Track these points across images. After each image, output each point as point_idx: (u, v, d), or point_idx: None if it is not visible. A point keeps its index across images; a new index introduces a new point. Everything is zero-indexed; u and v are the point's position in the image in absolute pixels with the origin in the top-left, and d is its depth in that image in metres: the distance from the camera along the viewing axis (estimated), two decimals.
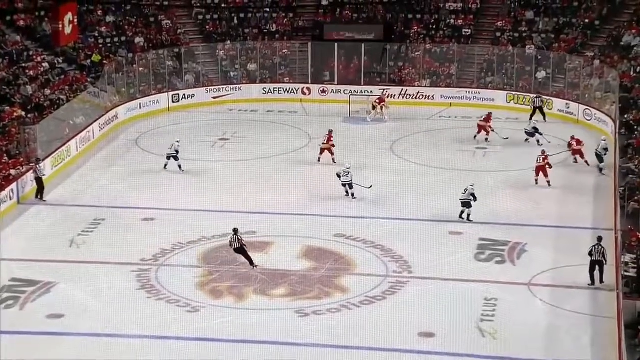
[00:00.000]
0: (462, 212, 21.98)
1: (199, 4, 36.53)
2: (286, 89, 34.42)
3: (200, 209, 22.63)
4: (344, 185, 23.52)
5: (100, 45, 33.78)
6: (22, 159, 24.78)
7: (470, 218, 21.85)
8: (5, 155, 24.72)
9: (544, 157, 24.56)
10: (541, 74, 33.04)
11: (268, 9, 36.70)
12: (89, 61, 32.78)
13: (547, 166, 24.32)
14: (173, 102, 33.04)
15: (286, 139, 28.96)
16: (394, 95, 33.33)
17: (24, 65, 30.24)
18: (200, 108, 32.89)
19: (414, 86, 34.01)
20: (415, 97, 33.60)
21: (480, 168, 26.11)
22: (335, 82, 34.72)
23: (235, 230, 19.36)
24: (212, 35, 35.93)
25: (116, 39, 34.40)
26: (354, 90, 33.24)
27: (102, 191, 24.54)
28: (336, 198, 23.45)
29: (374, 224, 21.99)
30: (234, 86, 34.29)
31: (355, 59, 34.83)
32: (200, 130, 30.26)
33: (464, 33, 35.55)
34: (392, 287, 18.76)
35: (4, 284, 18.52)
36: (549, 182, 24.28)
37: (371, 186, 23.59)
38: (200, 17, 36.55)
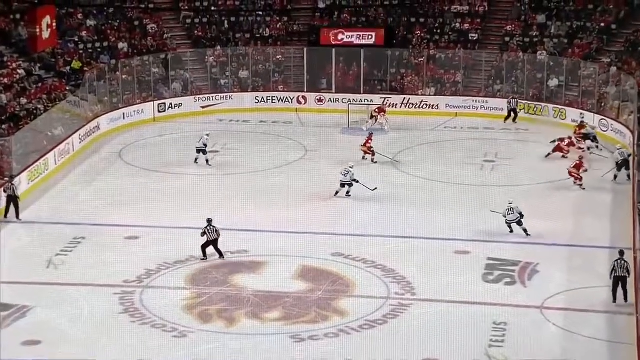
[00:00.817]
0: (511, 230, 22.19)
1: (186, 7, 36.67)
2: (280, 98, 34.54)
3: (188, 226, 22.63)
4: (342, 185, 24.34)
5: (81, 51, 33.88)
6: None
7: (528, 232, 22.07)
8: None
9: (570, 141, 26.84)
10: (553, 82, 33.18)
11: (261, 12, 36.84)
12: (68, 68, 32.87)
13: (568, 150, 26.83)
14: (159, 111, 33.12)
15: (280, 152, 29.04)
16: (396, 105, 33.47)
17: None
18: (188, 118, 32.97)
19: (417, 95, 34.14)
20: (419, 107, 33.73)
21: (488, 182, 26.18)
22: (333, 91, 34.86)
23: (210, 221, 20.05)
24: (201, 40, 36.06)
25: (98, 45, 34.50)
26: (353, 99, 33.37)
27: (83, 208, 24.54)
28: (334, 215, 23.49)
29: (375, 242, 22.01)
30: (225, 95, 34.41)
31: (354, 65, 34.98)
32: (188, 141, 30.28)
33: (470, 38, 35.72)
34: (394, 310, 18.77)
35: None
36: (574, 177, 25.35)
37: (375, 188, 24.09)
38: (189, 21, 36.69)
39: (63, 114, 29.81)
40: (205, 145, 27.55)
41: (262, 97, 34.52)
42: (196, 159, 27.48)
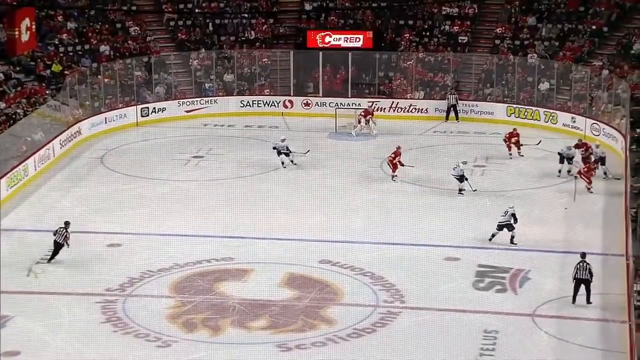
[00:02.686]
0: (494, 235, 22.15)
1: (170, 9, 36.66)
2: (266, 102, 34.57)
3: (172, 233, 22.62)
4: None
5: (61, 54, 33.80)
6: None
7: (515, 241, 21.98)
8: None
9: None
10: (544, 85, 33.34)
11: (246, 15, 36.87)
12: (48, 71, 32.77)
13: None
14: (142, 116, 33.08)
15: (266, 157, 29.03)
16: (384, 109, 33.56)
17: None
18: (171, 122, 32.94)
19: (406, 98, 34.23)
20: (407, 110, 33.83)
21: (478, 187, 26.23)
22: (320, 94, 34.91)
23: (67, 224, 20.69)
24: (185, 43, 36.05)
25: (79, 47, 34.43)
26: (341, 103, 33.42)
27: (63, 214, 24.40)
28: (321, 221, 23.51)
29: (363, 249, 22.04)
30: (209, 99, 34.41)
31: (341, 68, 35.05)
32: (172, 147, 30.28)
33: (460, 40, 35.85)
34: (383, 319, 18.79)
35: None
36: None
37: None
38: (172, 23, 36.68)
39: (43, 119, 29.73)
40: (288, 148, 27.61)
41: (248, 101, 34.55)
42: (283, 163, 27.62)
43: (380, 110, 33.23)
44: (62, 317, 18.76)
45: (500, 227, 22.14)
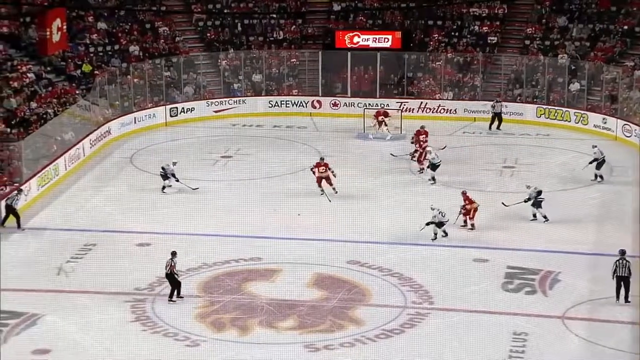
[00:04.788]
0: (535, 215, 23.00)
1: (199, 10, 36.82)
2: (294, 102, 34.61)
3: (200, 233, 22.72)
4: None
5: (92, 54, 34.06)
6: (5, 178, 24.91)
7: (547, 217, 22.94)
8: None
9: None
10: (575, 86, 33.11)
11: (275, 15, 36.95)
12: (79, 71, 33.04)
13: None
14: (171, 116, 33.25)
15: (294, 157, 29.08)
16: (413, 109, 33.49)
17: (7, 76, 30.47)
18: (200, 123, 33.08)
19: (435, 99, 34.13)
20: (436, 111, 33.74)
21: (507, 189, 26.12)
22: (348, 95, 34.90)
23: (174, 254, 19.30)
24: (214, 44, 36.19)
25: (109, 48, 34.69)
26: (369, 104, 33.39)
27: (93, 214, 24.66)
28: (350, 221, 23.50)
29: (391, 249, 22.02)
30: (238, 99, 34.52)
31: (370, 69, 35.03)
32: (200, 147, 30.41)
33: (489, 41, 35.70)
34: (411, 320, 18.76)
35: None
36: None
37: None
38: (201, 23, 36.84)
39: (73, 119, 29.97)
40: (167, 172, 25.78)
41: (276, 102, 34.61)
42: (164, 187, 25.85)
43: (409, 111, 33.15)
44: (92, 316, 18.90)
45: (535, 204, 23.11)
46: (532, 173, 27.66)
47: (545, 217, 23.36)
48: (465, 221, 23.09)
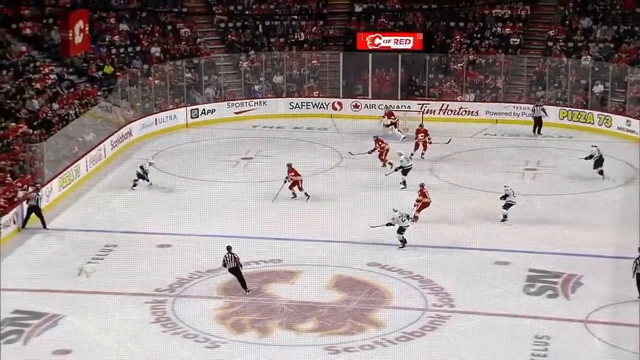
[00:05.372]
0: (505, 216, 23.22)
1: (220, 11, 36.94)
2: (315, 104, 34.63)
3: (221, 234, 22.78)
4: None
5: (113, 56, 34.26)
6: (29, 178, 25.09)
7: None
8: (9, 175, 25.04)
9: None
10: (598, 88, 32.93)
11: (296, 17, 37.01)
12: (100, 73, 33.24)
13: None
14: (192, 117, 33.37)
15: (315, 159, 29.10)
16: (434, 111, 33.43)
17: (30, 77, 30.69)
18: (221, 124, 33.18)
19: (456, 101, 34.06)
20: (458, 113, 33.65)
21: (529, 191, 26.01)
22: (369, 96, 34.88)
23: (229, 248, 19.66)
24: (235, 45, 36.30)
25: (130, 49, 34.87)
26: (390, 105, 33.35)
27: (114, 215, 24.80)
28: (370, 223, 23.46)
29: (412, 252, 21.99)
30: (258, 100, 34.59)
31: (391, 70, 34.99)
32: (221, 148, 30.49)
33: (512, 42, 35.57)
34: (432, 323, 18.73)
35: (5, 317, 18.72)
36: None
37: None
38: (222, 25, 36.95)
39: (95, 120, 30.16)
40: (145, 172, 26.40)
41: (297, 103, 34.65)
42: (134, 184, 26.35)
43: (430, 113, 33.09)
44: (113, 317, 19.00)
45: (507, 207, 23.22)
46: (554, 176, 27.56)
47: (505, 216, 23.44)
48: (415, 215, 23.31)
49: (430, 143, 28.90)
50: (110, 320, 18.90)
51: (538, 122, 31.53)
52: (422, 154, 28.88)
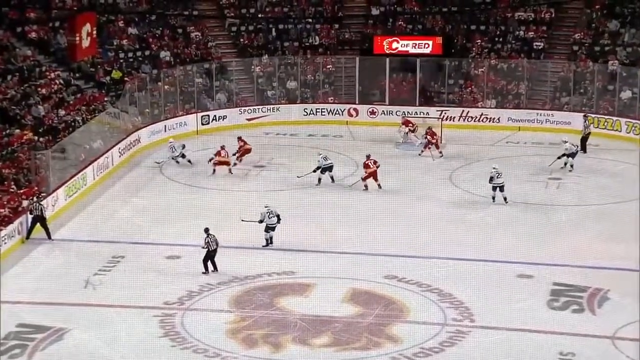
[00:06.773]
0: (493, 197, 25.03)
1: (232, 14, 37.07)
2: (330, 110, 34.68)
3: (231, 245, 22.79)
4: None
5: (121, 60, 34.42)
6: (35, 188, 25.19)
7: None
8: (13, 184, 25.15)
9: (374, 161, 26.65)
10: (626, 94, 32.83)
11: (310, 20, 37.09)
12: (108, 78, 33.40)
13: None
14: (202, 124, 33.47)
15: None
16: (454, 118, 33.42)
17: (35, 82, 30.87)
18: (233, 131, 33.22)
19: (477, 107, 34.02)
20: (479, 120, 33.61)
21: (553, 201, 25.93)
22: (386, 102, 34.91)
23: (207, 230, 20.89)
24: (247, 49, 36.40)
25: (139, 54, 35.03)
26: (408, 112, 33.35)
27: (122, 225, 24.85)
28: (386, 234, 23.45)
29: (430, 264, 21.93)
30: (271, 106, 34.68)
31: (409, 76, 35.00)
32: (232, 156, 30.53)
33: (535, 47, 35.53)
34: (451, 338, 18.66)
35: (9, 331, 18.78)
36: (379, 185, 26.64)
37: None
38: (234, 28, 37.08)
39: (102, 126, 30.27)
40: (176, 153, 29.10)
41: (311, 109, 34.70)
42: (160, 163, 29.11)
43: (450, 120, 33.08)
44: (120, 331, 19.02)
45: (495, 189, 24.86)
46: (580, 185, 27.45)
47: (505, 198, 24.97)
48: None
49: (436, 143, 29.51)
50: (117, 334, 18.91)
51: (587, 138, 30.45)
52: (441, 152, 29.40)
